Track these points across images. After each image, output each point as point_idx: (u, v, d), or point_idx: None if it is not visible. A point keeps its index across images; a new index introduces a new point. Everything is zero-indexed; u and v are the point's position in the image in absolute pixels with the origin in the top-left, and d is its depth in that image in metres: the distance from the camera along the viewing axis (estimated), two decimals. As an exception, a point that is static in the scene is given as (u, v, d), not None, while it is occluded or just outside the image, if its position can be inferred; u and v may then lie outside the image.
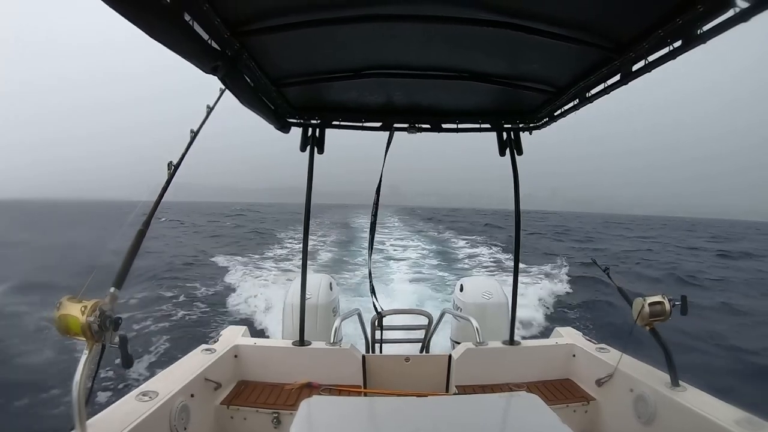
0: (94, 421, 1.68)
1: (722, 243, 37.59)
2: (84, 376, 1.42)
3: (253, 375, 2.88)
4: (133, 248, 1.68)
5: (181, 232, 31.59)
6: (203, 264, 15.97)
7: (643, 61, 1.82)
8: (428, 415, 1.62)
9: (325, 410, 1.67)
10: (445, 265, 16.34)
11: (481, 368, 2.95)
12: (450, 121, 3.13)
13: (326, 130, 3.14)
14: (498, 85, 2.53)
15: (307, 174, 3.09)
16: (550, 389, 2.83)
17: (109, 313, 1.43)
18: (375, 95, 2.84)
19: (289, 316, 3.76)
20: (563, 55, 2.09)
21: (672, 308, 2.20)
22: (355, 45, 2.15)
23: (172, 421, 2.02)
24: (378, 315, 3.22)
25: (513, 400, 1.76)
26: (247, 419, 2.52)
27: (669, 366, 2.23)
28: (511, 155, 3.17)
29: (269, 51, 2.11)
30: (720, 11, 1.40)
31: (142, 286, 11.12)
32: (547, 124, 3.01)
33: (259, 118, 2.67)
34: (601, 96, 2.26)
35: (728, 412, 1.91)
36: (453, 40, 2.06)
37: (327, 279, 4.19)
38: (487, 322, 3.60)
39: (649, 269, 18.22)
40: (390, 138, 2.98)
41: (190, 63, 1.60)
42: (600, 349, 2.86)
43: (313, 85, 2.58)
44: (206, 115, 2.11)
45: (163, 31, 1.38)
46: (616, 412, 2.52)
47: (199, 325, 8.42)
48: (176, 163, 1.91)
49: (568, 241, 31.81)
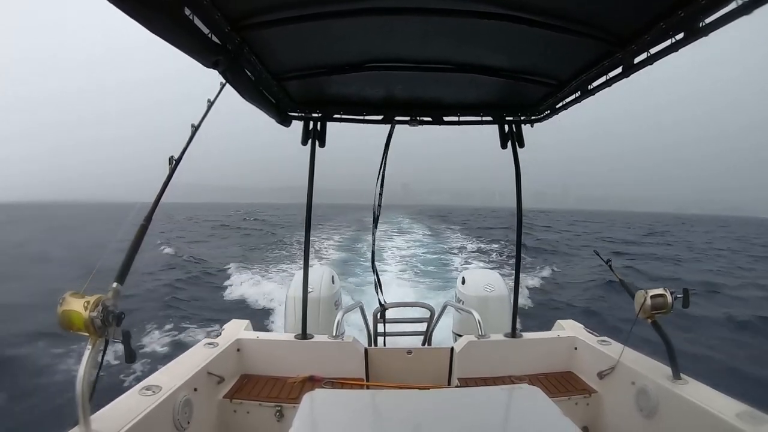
0: (98, 416, 1.68)
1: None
2: (87, 371, 1.43)
3: (255, 369, 2.90)
4: (135, 243, 1.68)
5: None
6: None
7: (645, 53, 1.81)
8: (430, 408, 1.63)
9: (328, 403, 1.68)
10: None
11: (482, 361, 2.96)
12: (451, 114, 3.12)
13: (328, 123, 3.13)
14: (499, 77, 2.52)
15: (309, 168, 3.09)
16: (552, 382, 2.84)
17: (111, 308, 1.44)
18: (376, 88, 2.83)
19: (292, 309, 3.78)
20: (565, 48, 2.08)
21: (674, 301, 2.19)
22: (356, 38, 2.14)
23: (176, 416, 2.03)
24: (380, 308, 3.23)
25: (515, 392, 1.77)
26: (250, 413, 2.54)
27: (671, 359, 2.23)
28: (513, 148, 3.16)
29: (270, 45, 2.10)
30: (722, 3, 1.39)
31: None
32: (549, 116, 3.00)
33: (263, 114, 2.67)
34: (603, 89, 2.25)
35: (730, 405, 1.92)
36: (454, 33, 2.04)
37: (329, 272, 4.20)
38: (489, 315, 3.61)
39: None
40: (391, 131, 2.98)
41: (190, 57, 1.60)
42: (602, 342, 2.87)
43: (314, 78, 2.57)
44: (207, 110, 2.11)
45: (163, 25, 1.37)
46: (617, 404, 2.54)
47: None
48: (177, 157, 1.91)
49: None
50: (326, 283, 4.01)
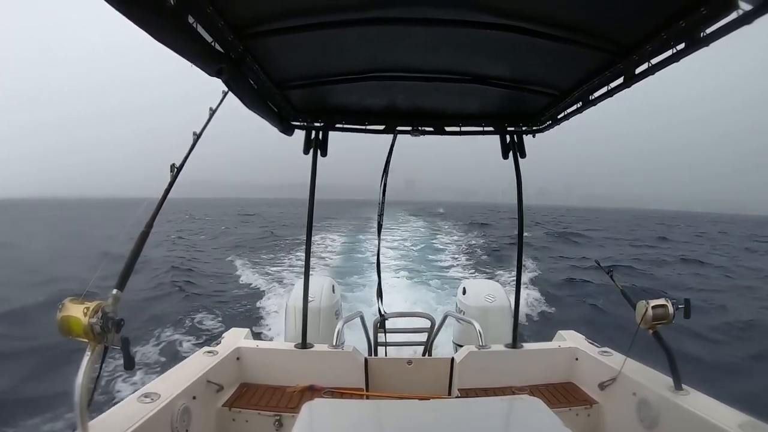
0: (96, 422, 1.67)
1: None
2: (86, 377, 1.42)
3: (255, 377, 2.87)
4: (135, 249, 1.68)
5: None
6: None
7: (646, 63, 1.82)
8: (430, 419, 1.61)
9: (327, 413, 1.66)
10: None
11: (483, 371, 2.94)
12: (453, 123, 3.13)
13: (329, 132, 3.15)
14: (501, 88, 2.53)
15: (311, 176, 3.10)
16: (553, 393, 2.81)
17: (111, 314, 1.43)
18: (378, 98, 2.85)
19: (292, 318, 3.76)
20: (567, 59, 2.09)
21: (675, 311, 2.18)
22: (358, 48, 2.15)
23: (174, 423, 2.01)
24: (381, 317, 3.21)
25: (515, 403, 1.75)
26: (249, 422, 2.51)
27: (672, 370, 2.21)
28: (515, 158, 3.17)
29: (273, 53, 2.11)
30: (723, 14, 1.41)
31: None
32: (550, 127, 3.01)
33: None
34: (605, 99, 2.27)
35: (732, 416, 1.90)
36: (457, 43, 2.06)
37: (329, 282, 4.19)
38: (490, 325, 3.59)
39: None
40: (393, 141, 2.99)
41: (194, 65, 1.61)
42: (603, 353, 2.85)
43: (317, 87, 2.59)
44: (209, 118, 2.12)
45: (166, 33, 1.39)
46: (618, 415, 2.51)
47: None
48: (179, 165, 1.91)
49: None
50: (326, 292, 4.00)
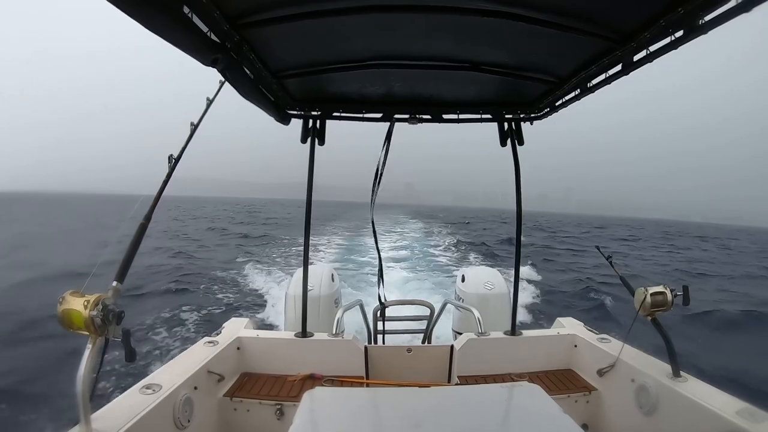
0: (99, 414, 1.69)
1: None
2: (88, 370, 1.43)
3: (256, 367, 2.90)
4: (134, 242, 1.68)
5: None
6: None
7: (644, 51, 1.81)
8: (430, 406, 1.63)
9: (328, 401, 1.68)
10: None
11: (482, 359, 2.96)
12: (451, 111, 3.12)
13: (327, 121, 3.12)
14: (499, 75, 2.51)
15: (308, 166, 3.08)
16: (552, 379, 2.85)
17: (111, 307, 1.44)
18: (376, 86, 2.82)
19: (292, 307, 3.78)
20: (565, 46, 2.07)
21: (674, 298, 2.20)
22: (355, 36, 2.12)
23: (176, 414, 2.03)
24: (381, 305, 3.23)
25: (515, 390, 1.77)
26: (251, 411, 2.54)
27: (670, 356, 2.23)
28: (512, 145, 3.16)
29: (269, 43, 2.09)
30: (722, 1, 1.39)
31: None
32: (549, 114, 2.99)
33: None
34: (603, 86, 2.26)
35: (730, 402, 1.92)
36: (454, 30, 2.03)
37: (329, 270, 4.20)
38: (489, 313, 3.62)
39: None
40: (390, 129, 2.96)
41: (189, 56, 1.59)
42: (601, 340, 2.87)
43: (314, 76, 2.56)
44: (206, 108, 2.10)
45: (162, 24, 1.37)
46: (617, 402, 2.54)
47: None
48: (177, 156, 1.90)
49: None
50: (326, 281, 4.01)
